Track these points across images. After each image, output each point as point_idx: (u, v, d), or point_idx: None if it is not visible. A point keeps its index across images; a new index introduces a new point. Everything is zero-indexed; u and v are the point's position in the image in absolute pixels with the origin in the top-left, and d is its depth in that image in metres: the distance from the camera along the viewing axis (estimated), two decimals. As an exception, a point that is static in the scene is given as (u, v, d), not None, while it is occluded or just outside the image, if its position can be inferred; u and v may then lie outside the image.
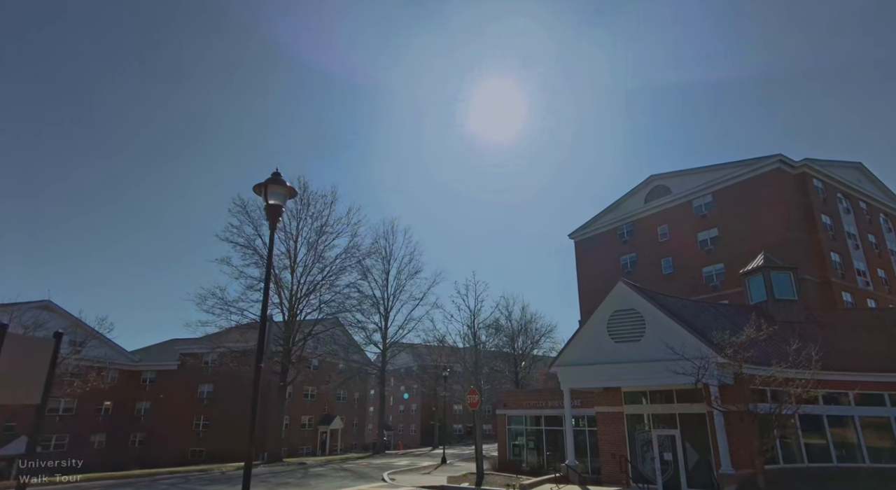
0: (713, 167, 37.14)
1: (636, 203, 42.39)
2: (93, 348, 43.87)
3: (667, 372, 15.28)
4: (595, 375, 17.91)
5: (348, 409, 55.78)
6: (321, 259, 33.00)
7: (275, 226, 7.67)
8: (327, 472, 23.38)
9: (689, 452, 17.16)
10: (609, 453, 19.26)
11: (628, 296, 17.87)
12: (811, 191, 33.60)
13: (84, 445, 40.16)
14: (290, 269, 32.04)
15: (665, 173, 40.75)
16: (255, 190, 7.69)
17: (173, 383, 46.02)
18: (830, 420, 17.33)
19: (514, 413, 25.22)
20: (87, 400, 42.44)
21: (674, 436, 17.57)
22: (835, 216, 34.35)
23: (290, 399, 47.29)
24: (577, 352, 18.65)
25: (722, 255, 35.08)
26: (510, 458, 24.91)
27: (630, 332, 17.42)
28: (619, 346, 17.52)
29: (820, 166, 34.45)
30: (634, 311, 17.52)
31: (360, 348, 47.15)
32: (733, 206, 34.98)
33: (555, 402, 23.51)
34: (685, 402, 17.48)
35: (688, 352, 15.01)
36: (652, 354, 16.55)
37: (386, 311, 43.15)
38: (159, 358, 48.17)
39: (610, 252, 43.25)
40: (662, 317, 16.75)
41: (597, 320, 18.49)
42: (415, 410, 74.04)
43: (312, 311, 32.75)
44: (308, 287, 32.44)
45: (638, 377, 16.84)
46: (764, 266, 21.85)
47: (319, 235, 33.07)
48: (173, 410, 44.84)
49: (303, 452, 47.54)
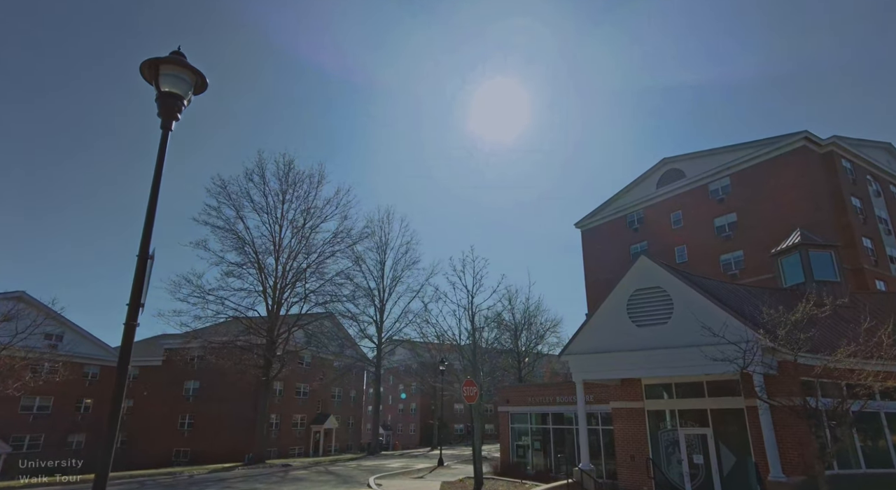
0: (731, 148, 34.62)
1: (647, 188, 39.89)
2: (73, 343, 41.73)
3: (702, 358, 12.77)
4: (613, 365, 15.40)
5: (344, 408, 53.35)
6: (308, 244, 30.48)
7: (169, 125, 5.19)
8: (309, 475, 20.94)
9: (724, 454, 14.67)
10: (627, 455, 16.79)
11: (653, 271, 15.36)
12: (840, 171, 31.01)
13: (61, 446, 37.76)
14: (273, 254, 29.52)
15: (678, 156, 38.23)
16: (143, 71, 5.22)
17: (158, 380, 43.78)
18: (889, 418, 14.81)
19: (518, 410, 22.74)
20: (66, 398, 40.21)
21: (705, 435, 15.07)
22: (865, 199, 31.75)
23: (280, 397, 44.93)
24: (592, 338, 16.15)
25: (741, 241, 32.59)
26: (514, 460, 22.44)
27: (655, 314, 14.91)
28: (642, 331, 15.02)
29: (849, 145, 31.85)
30: (660, 290, 15.01)
31: (355, 343, 44.70)
32: (753, 189, 32.44)
33: (563, 398, 21.04)
34: (719, 395, 14.99)
35: (728, 334, 12.47)
36: (681, 339, 14.06)
37: (381, 303, 40.72)
38: (145, 354, 45.85)
39: (619, 241, 40.77)
40: (695, 295, 14.23)
41: (615, 301, 15.98)
42: (414, 409, 71.62)
43: (298, 300, 30.24)
44: (294, 274, 29.93)
45: (665, 366, 14.32)
46: (801, 244, 19.30)
47: (306, 219, 30.55)
48: (158, 409, 42.58)
49: (294, 453, 45.15)
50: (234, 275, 28.36)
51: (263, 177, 29.89)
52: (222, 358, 29.15)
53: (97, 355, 43.04)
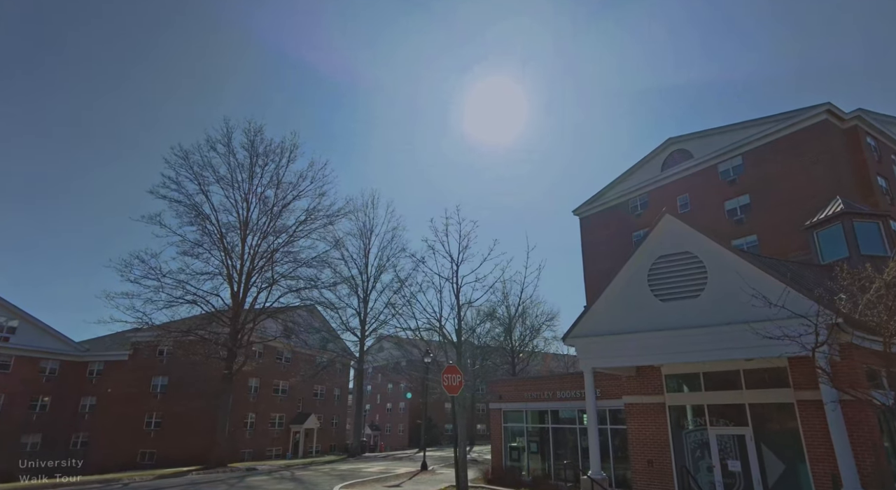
0: (743, 124, 31.92)
1: (651, 171, 37.18)
2: (28, 336, 38.40)
3: (750, 338, 9.96)
4: (630, 349, 12.53)
5: (327, 407, 50.24)
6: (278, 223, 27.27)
7: None
8: (266, 482, 17.93)
9: (768, 460, 11.83)
10: (644, 460, 13.96)
11: (681, 234, 12.53)
12: (865, 148, 28.41)
13: (12, 448, 34.36)
14: (240, 233, 26.36)
15: (685, 135, 35.49)
16: None
17: (123, 376, 40.42)
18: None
19: (513, 407, 19.84)
20: (18, 394, 36.92)
21: (743, 436, 12.24)
22: (891, 179, 29.17)
23: (256, 394, 41.82)
24: (604, 317, 13.27)
25: (755, 225, 29.91)
26: (507, 465, 19.53)
27: (684, 286, 12.05)
28: (668, 307, 12.15)
29: (873, 120, 29.26)
30: (690, 256, 12.16)
31: (338, 336, 41.62)
32: (768, 168, 29.75)
33: (565, 393, 18.16)
34: (761, 387, 12.16)
35: (790, 307, 9.60)
36: (717, 315, 11.22)
37: (365, 293, 37.61)
38: (111, 348, 42.53)
39: (620, 228, 38.01)
40: (735, 260, 11.40)
41: (632, 272, 13.12)
42: (403, 409, 68.59)
43: (268, 286, 27.04)
44: (262, 257, 26.79)
45: (697, 349, 11.46)
46: (844, 213, 16.55)
47: (277, 194, 27.32)
48: (122, 407, 39.24)
49: (272, 455, 42.04)
50: (192, 254, 25.24)
51: (230, 146, 26.81)
52: (190, 351, 26.09)
53: (57, 349, 39.78)
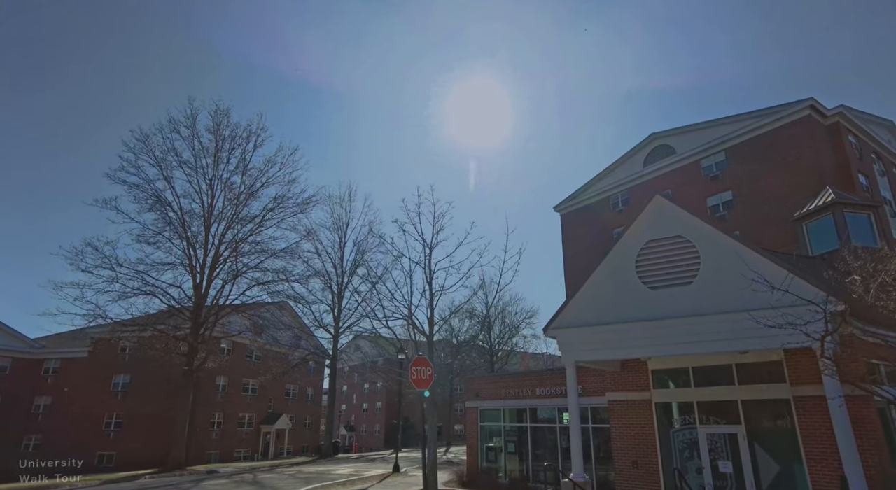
0: (726, 119, 31.53)
1: (633, 166, 36.67)
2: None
3: (747, 328, 9.09)
4: (616, 340, 11.59)
5: (299, 407, 48.59)
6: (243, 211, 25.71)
7: None
8: (222, 486, 16.54)
9: (762, 460, 11.01)
10: (628, 461, 13.08)
11: (673, 217, 11.66)
12: (846, 145, 28.23)
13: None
14: (203, 222, 24.77)
15: (668, 130, 35.08)
16: None
17: (82, 374, 38.26)
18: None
19: (490, 405, 18.83)
20: (-39, 394, 34.64)
21: (735, 435, 11.42)
22: (871, 177, 29.08)
23: (223, 393, 40.05)
24: (588, 307, 12.32)
25: (738, 221, 29.47)
26: (483, 466, 18.51)
27: (675, 272, 11.16)
28: (657, 295, 11.25)
29: (855, 117, 29.13)
30: (682, 241, 11.29)
31: (311, 333, 40.13)
32: (751, 164, 29.40)
33: (545, 390, 17.22)
34: (754, 382, 11.36)
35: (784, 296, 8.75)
36: (710, 304, 10.35)
37: (340, 289, 36.25)
38: (69, 344, 40.24)
39: (601, 224, 37.39)
40: (731, 244, 10.56)
41: (619, 258, 12.24)
42: (379, 409, 67.17)
43: (232, 278, 25.50)
44: (227, 247, 25.23)
45: (688, 340, 10.57)
46: (836, 203, 15.93)
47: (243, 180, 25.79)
48: (80, 407, 37.08)
49: (240, 456, 40.28)
50: (152, 243, 23.56)
51: (194, 129, 25.18)
52: (147, 346, 24.40)
53: (7, 345, 37.46)
